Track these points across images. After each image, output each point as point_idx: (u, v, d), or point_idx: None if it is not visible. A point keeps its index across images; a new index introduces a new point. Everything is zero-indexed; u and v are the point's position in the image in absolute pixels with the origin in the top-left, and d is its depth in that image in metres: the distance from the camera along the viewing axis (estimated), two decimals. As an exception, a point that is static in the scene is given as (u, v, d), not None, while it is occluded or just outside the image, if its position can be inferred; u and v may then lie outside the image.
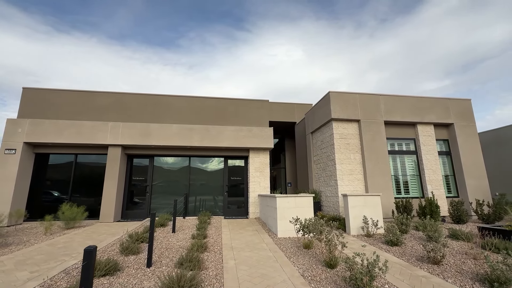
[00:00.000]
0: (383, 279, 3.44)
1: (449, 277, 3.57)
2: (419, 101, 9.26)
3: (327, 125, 9.05)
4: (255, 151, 9.60)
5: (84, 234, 6.34)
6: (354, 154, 8.49)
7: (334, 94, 8.72)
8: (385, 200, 7.77)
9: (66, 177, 8.80)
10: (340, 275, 3.56)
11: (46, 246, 5.17)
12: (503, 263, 3.31)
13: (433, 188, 8.56)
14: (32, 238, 5.86)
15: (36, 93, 8.79)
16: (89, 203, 8.43)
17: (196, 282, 3.14)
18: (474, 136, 9.32)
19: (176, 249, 4.92)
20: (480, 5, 38.62)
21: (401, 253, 4.67)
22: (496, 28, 35.85)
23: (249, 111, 9.93)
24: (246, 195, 9.58)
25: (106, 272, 3.53)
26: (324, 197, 9.11)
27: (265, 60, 56.00)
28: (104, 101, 9.06)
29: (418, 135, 9.10)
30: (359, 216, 6.18)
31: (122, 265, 3.96)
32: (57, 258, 4.34)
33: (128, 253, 4.53)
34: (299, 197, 6.38)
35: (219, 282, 3.41)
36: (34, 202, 8.34)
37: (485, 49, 43.00)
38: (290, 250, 4.84)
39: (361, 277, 2.98)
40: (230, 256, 4.52)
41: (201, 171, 9.92)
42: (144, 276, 3.57)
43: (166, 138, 8.85)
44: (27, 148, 8.23)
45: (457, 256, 4.39)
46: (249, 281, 3.41)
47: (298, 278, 3.51)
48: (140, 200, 9.31)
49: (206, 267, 3.93)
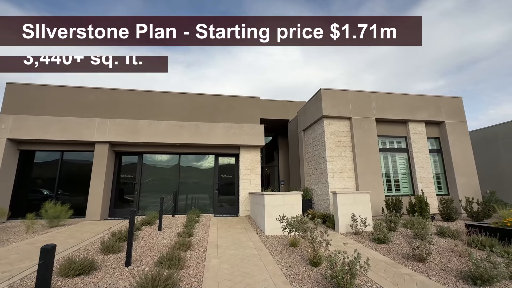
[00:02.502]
0: (366, 277, 3.37)
1: (434, 274, 3.52)
2: (411, 99, 9.24)
3: (318, 123, 8.97)
4: (246, 149, 9.49)
5: (67, 232, 6.18)
6: (345, 152, 8.44)
7: (326, 91, 8.65)
8: (375, 197, 7.72)
9: (52, 175, 8.59)
10: (323, 274, 3.48)
11: (25, 245, 5.01)
12: (487, 261, 3.27)
13: (423, 186, 8.55)
14: (12, 237, 5.68)
15: (21, 88, 8.54)
16: (76, 201, 8.25)
17: (173, 281, 3.02)
18: (465, 134, 9.33)
19: (160, 247, 4.79)
20: (475, 7, 38.93)
21: (387, 250, 4.61)
22: (490, 30, 36.17)
23: (240, 108, 9.80)
24: (237, 193, 9.48)
25: (80, 272, 3.39)
26: (315, 195, 9.04)
27: (262, 60, 55.75)
28: (92, 97, 8.84)
29: (409, 133, 9.08)
30: (348, 213, 6.12)
31: (100, 264, 3.83)
32: (34, 258, 4.18)
33: (109, 251, 4.40)
34: (287, 195, 6.30)
35: (198, 281, 3.30)
36: (18, 200, 8.12)
37: (479, 51, 43.42)
38: (275, 248, 4.75)
39: (342, 276, 2.90)
40: (214, 254, 4.41)
41: (191, 169, 9.79)
42: (121, 276, 3.44)
43: (155, 135, 8.68)
44: (11, 145, 8.00)
45: (443, 254, 4.35)
46: (229, 280, 3.31)
47: (280, 277, 3.42)
48: (129, 198, 9.15)
49: (187, 266, 3.82)
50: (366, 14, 44.35)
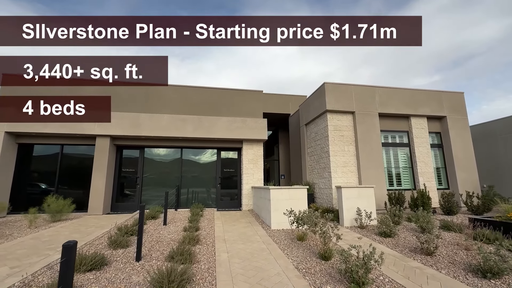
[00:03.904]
0: (378, 270, 3.41)
1: (443, 268, 3.58)
2: (413, 94, 9.24)
3: (321, 117, 8.94)
4: (249, 143, 9.44)
5: (71, 227, 6.12)
6: (348, 146, 8.45)
7: (329, 85, 8.59)
8: (378, 192, 7.77)
9: (52, 169, 8.45)
10: (335, 267, 3.51)
11: (29, 240, 4.95)
12: (496, 254, 3.32)
13: (424, 180, 8.65)
14: (16, 232, 5.61)
15: (18, 80, 8.29)
16: (77, 195, 8.15)
17: (188, 276, 3.02)
18: (466, 129, 9.41)
19: (167, 242, 4.78)
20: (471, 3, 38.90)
21: (394, 244, 4.67)
22: (485, 26, 36.27)
23: (243, 102, 9.70)
24: (240, 187, 9.48)
25: (92, 267, 3.36)
26: (317, 189, 9.09)
27: (260, 54, 55.18)
28: (93, 90, 8.64)
29: (411, 128, 9.12)
30: (353, 208, 6.16)
31: (110, 259, 3.80)
32: (41, 253, 4.14)
33: (117, 246, 4.37)
34: (293, 189, 6.31)
35: (211, 275, 3.31)
36: (18, 195, 7.99)
37: (474, 46, 43.62)
38: (284, 242, 4.77)
39: (356, 270, 2.92)
40: (223, 249, 4.41)
41: (193, 163, 9.73)
42: (133, 271, 3.43)
43: (157, 128, 8.57)
44: (9, 138, 7.82)
45: (449, 247, 4.42)
46: (242, 274, 3.32)
47: (293, 271, 3.44)
48: (130, 192, 9.08)
49: (198, 260, 3.82)
50: (364, 8, 43.96)
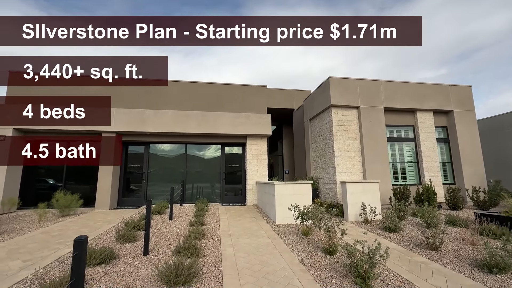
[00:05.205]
0: (383, 265, 3.42)
1: (448, 263, 3.58)
2: (419, 88, 9.10)
3: (326, 112, 8.89)
4: (253, 138, 9.45)
5: (79, 222, 6.25)
6: (353, 141, 8.40)
7: (334, 80, 8.50)
8: (382, 187, 7.76)
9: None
10: (339, 262, 3.54)
11: (40, 234, 5.07)
12: (503, 249, 3.31)
13: (430, 175, 8.58)
14: (26, 226, 5.75)
15: (25, 79, 8.37)
16: (84, 191, 8.29)
17: (195, 270, 3.07)
18: (473, 123, 9.27)
19: (174, 236, 4.86)
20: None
21: (399, 239, 4.67)
22: (492, 18, 35.31)
23: (246, 97, 9.68)
24: (244, 182, 9.53)
25: (101, 261, 3.45)
26: (321, 184, 9.09)
27: (262, 48, 54.73)
28: (97, 87, 8.69)
29: (417, 122, 9.02)
30: (357, 203, 6.16)
31: (118, 253, 3.88)
32: (51, 247, 4.25)
33: (125, 241, 4.45)
34: (297, 184, 6.32)
35: (217, 269, 3.36)
36: (27, 190, 8.16)
37: (480, 39, 42.60)
38: (288, 237, 4.81)
39: (362, 264, 2.94)
40: (229, 243, 4.47)
41: (198, 159, 9.79)
42: (141, 264, 3.50)
43: (162, 124, 8.62)
44: (17, 134, 7.95)
45: (454, 242, 4.41)
46: (248, 268, 3.37)
47: (298, 265, 3.48)
48: (136, 187, 9.20)
49: (204, 255, 3.88)
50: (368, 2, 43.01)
